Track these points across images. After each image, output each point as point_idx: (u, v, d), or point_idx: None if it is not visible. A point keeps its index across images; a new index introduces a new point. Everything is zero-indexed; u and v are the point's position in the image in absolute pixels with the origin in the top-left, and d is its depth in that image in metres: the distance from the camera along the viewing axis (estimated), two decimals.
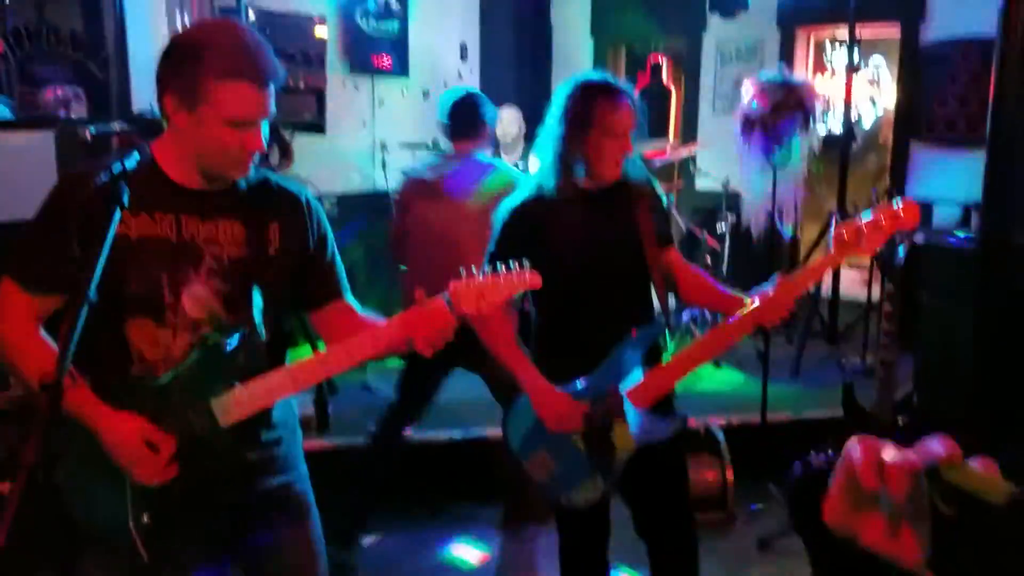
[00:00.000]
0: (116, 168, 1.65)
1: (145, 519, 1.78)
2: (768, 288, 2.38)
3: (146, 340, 1.82)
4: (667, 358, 2.57)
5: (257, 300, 1.86)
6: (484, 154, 3.73)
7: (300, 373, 1.87)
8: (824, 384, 4.95)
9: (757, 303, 2.37)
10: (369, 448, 3.68)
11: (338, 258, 2.05)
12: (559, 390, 2.45)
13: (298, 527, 2.04)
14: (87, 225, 1.67)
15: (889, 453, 0.72)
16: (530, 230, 2.47)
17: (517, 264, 1.92)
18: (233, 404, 1.81)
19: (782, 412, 4.46)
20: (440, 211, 3.63)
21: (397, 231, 3.90)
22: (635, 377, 2.45)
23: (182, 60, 1.75)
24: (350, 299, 2.06)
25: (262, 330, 1.87)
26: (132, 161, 1.65)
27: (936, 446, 0.72)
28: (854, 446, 0.74)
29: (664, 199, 2.79)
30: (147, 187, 1.80)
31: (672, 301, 2.77)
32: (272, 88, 1.78)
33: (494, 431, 4.27)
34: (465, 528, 4.06)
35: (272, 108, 1.79)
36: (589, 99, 2.45)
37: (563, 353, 2.52)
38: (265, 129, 1.81)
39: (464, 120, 3.69)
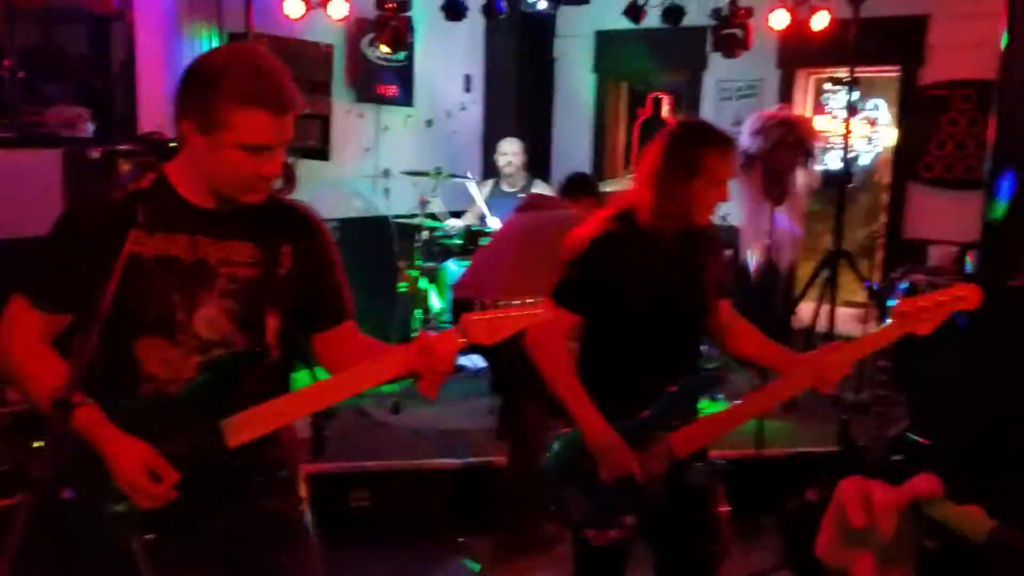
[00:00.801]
0: (131, 188, 1.67)
1: (149, 538, 1.78)
2: (825, 350, 2.39)
3: (157, 359, 1.82)
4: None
5: (269, 322, 1.87)
6: (573, 215, 4.03)
7: (310, 397, 1.87)
8: (818, 419, 4.95)
9: (812, 363, 2.37)
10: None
11: (345, 282, 2.06)
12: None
13: (298, 550, 2.03)
14: (100, 244, 1.67)
15: (878, 492, 0.74)
16: (605, 262, 2.45)
17: (531, 299, 1.93)
18: (242, 425, 1.81)
19: (776, 447, 4.46)
20: (508, 227, 4.36)
21: None
22: (686, 423, 2.45)
23: (201, 84, 1.75)
24: (352, 324, 2.07)
25: (273, 351, 1.88)
26: (147, 181, 1.66)
27: (919, 482, 0.74)
28: (845, 485, 0.76)
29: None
30: (162, 207, 1.81)
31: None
32: (290, 116, 1.78)
33: (492, 459, 4.27)
34: (463, 556, 4.04)
35: (290, 135, 1.79)
36: (699, 145, 2.42)
37: (605, 389, 2.47)
38: (281, 155, 1.82)
39: (576, 185, 4.50)
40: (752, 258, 5.41)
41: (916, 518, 0.73)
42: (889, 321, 2.34)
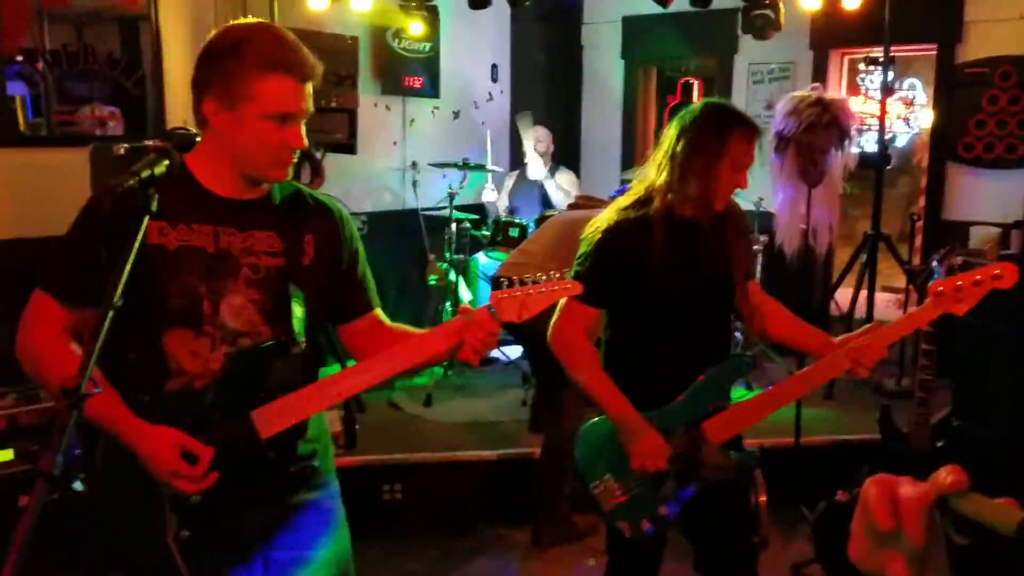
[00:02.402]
0: (143, 175, 1.65)
1: (185, 533, 1.76)
2: (860, 333, 2.35)
3: (184, 352, 1.81)
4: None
5: (295, 311, 1.86)
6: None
7: (341, 383, 1.84)
8: (858, 407, 4.86)
9: (847, 345, 2.32)
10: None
11: (369, 272, 2.05)
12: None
13: (329, 543, 2.01)
14: (117, 234, 1.63)
15: (904, 490, 0.71)
16: (627, 250, 2.39)
17: (558, 274, 1.90)
18: (274, 416, 1.79)
19: (816, 435, 4.39)
20: (555, 219, 4.40)
21: None
22: (719, 410, 2.41)
23: (221, 59, 1.76)
24: (380, 313, 2.05)
25: (300, 341, 1.87)
26: (160, 167, 1.64)
27: (943, 475, 0.71)
28: (869, 486, 0.74)
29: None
30: (183, 198, 1.80)
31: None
32: (311, 87, 1.79)
33: (525, 451, 4.24)
34: (494, 549, 4.01)
35: (311, 106, 1.80)
36: (726, 130, 2.35)
37: (635, 378, 2.43)
38: (303, 128, 1.81)
39: None
40: (788, 243, 5.30)
41: (943, 513, 0.70)
42: (926, 301, 2.29)
